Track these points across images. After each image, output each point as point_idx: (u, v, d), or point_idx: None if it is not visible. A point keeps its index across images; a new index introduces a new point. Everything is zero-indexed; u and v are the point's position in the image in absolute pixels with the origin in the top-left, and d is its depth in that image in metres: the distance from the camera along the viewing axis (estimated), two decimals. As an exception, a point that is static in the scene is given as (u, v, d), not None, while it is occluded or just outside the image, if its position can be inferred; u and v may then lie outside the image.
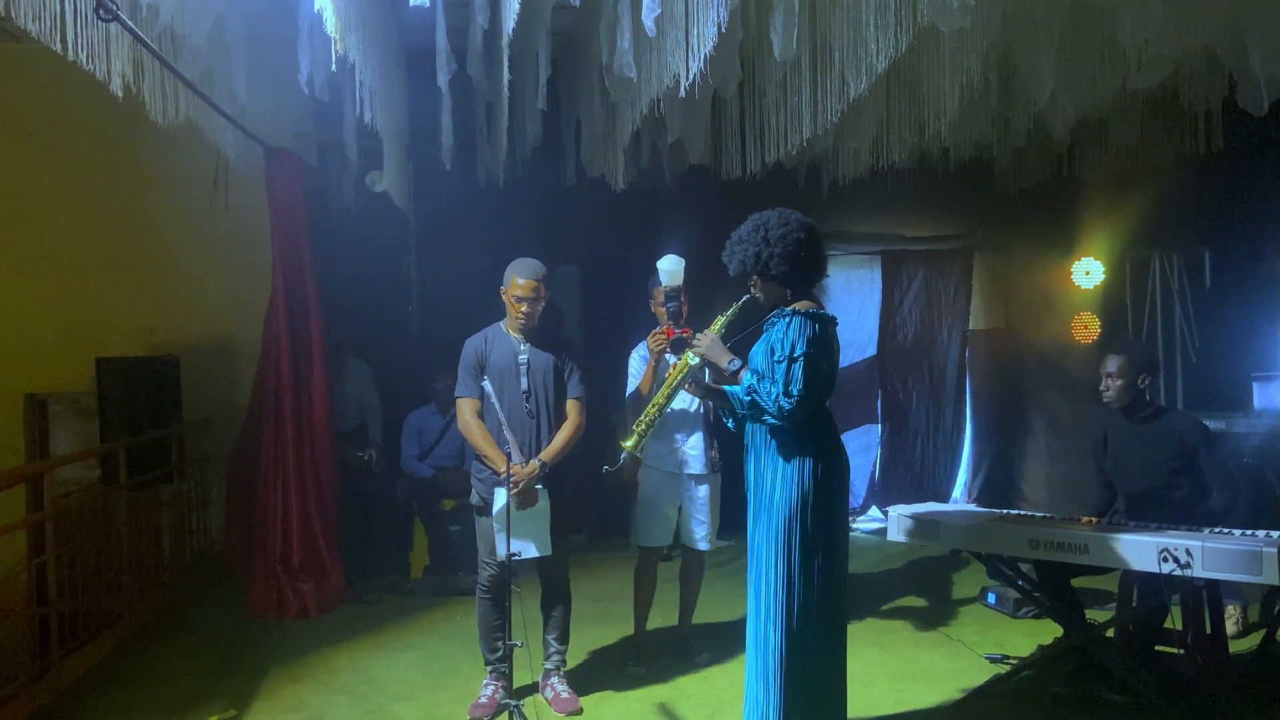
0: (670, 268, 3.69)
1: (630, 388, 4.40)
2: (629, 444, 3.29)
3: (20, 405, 5.93)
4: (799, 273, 3.16)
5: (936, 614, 5.29)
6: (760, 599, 3.11)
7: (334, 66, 3.87)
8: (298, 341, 5.51)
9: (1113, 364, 4.16)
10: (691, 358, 3.25)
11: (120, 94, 3.64)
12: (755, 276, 3.20)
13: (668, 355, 3.65)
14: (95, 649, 4.55)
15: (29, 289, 6.07)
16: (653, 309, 4.32)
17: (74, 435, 5.84)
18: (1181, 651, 3.92)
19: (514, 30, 3.83)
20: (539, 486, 3.88)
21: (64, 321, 6.10)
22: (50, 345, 6.02)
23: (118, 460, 5.06)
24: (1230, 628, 4.45)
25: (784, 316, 3.10)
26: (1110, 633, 4.03)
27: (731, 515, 4.18)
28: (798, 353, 3.00)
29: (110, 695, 4.20)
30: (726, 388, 3.17)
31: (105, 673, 4.46)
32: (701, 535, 4.45)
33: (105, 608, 4.82)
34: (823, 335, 3.07)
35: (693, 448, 4.40)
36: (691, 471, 4.41)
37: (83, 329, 6.05)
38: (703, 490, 4.43)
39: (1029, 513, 4.61)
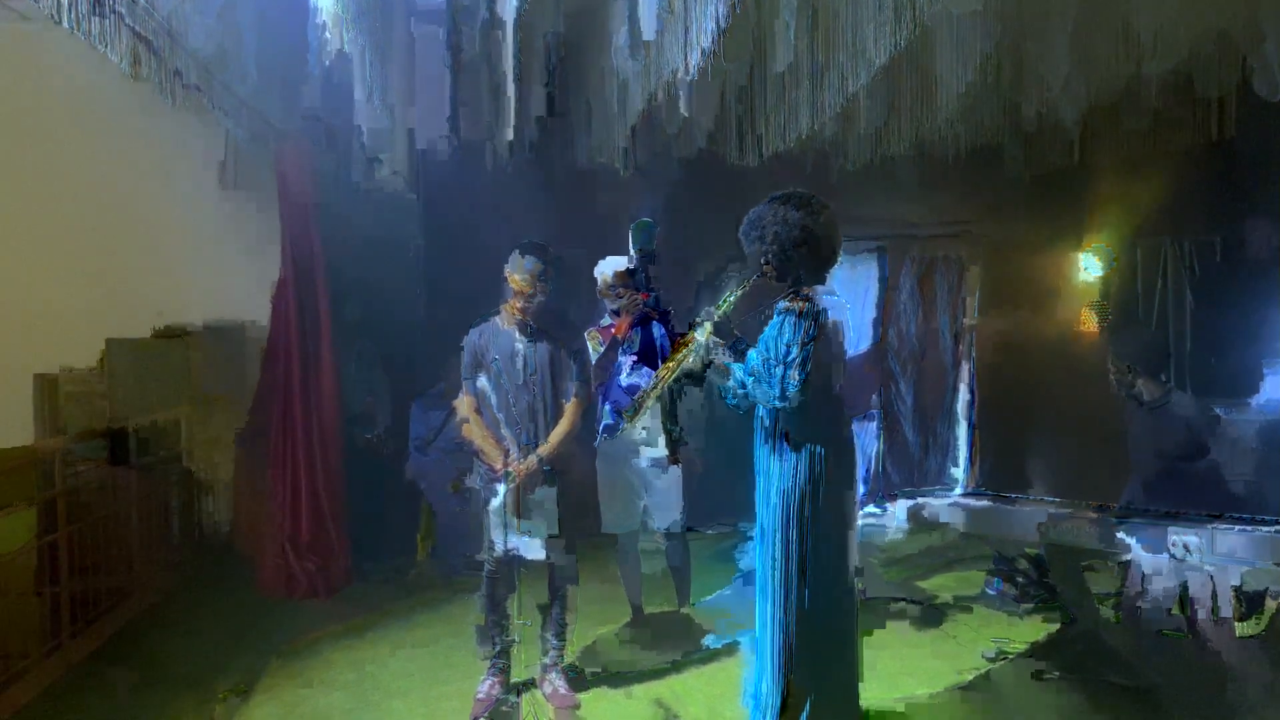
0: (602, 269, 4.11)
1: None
2: (629, 417, 3.43)
3: (30, 385, 5.96)
4: (794, 270, 3.14)
5: (936, 607, 5.20)
6: (766, 584, 3.12)
7: (343, 47, 3.87)
8: (306, 322, 5.52)
9: (1122, 351, 4.16)
10: (698, 333, 3.21)
11: (131, 73, 3.64)
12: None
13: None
14: (105, 627, 4.60)
15: (40, 268, 6.09)
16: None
17: (84, 415, 5.87)
18: (1186, 637, 3.94)
19: (523, 10, 3.82)
20: (542, 484, 3.88)
21: (74, 301, 6.12)
22: (60, 325, 6.04)
23: (127, 440, 5.08)
24: (1234, 613, 4.46)
25: (778, 313, 3.09)
26: (1116, 619, 4.04)
27: (735, 501, 4.17)
28: (790, 357, 3.00)
29: (119, 673, 4.23)
30: (723, 381, 3.16)
31: (114, 651, 4.50)
32: (670, 519, 4.48)
33: (115, 587, 4.86)
34: (817, 334, 3.05)
35: (653, 434, 4.41)
36: (652, 457, 4.43)
37: (93, 309, 6.06)
38: (666, 476, 4.45)
39: (1032, 503, 4.60)
